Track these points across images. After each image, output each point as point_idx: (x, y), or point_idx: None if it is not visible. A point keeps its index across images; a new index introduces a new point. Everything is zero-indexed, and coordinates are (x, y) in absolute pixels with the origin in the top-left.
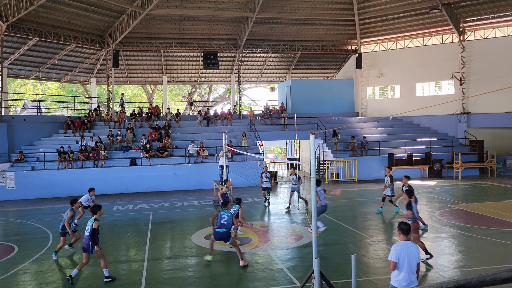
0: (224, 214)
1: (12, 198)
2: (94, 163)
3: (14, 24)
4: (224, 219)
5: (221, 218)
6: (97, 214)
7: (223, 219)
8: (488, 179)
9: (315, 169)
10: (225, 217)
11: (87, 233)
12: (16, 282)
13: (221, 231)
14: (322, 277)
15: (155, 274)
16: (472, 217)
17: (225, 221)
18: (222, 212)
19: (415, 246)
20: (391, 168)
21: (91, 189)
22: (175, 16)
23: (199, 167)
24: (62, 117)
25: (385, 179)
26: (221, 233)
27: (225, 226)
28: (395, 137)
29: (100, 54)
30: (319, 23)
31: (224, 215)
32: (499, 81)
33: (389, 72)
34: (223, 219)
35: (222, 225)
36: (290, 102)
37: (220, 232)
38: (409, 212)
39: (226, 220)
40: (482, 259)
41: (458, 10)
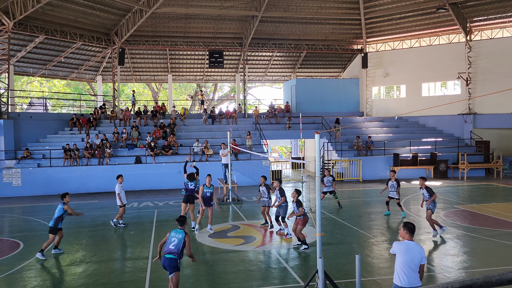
0: (175, 236)
1: (18, 195)
2: (100, 160)
3: (21, 21)
4: (174, 242)
5: (170, 242)
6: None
7: (172, 243)
8: (494, 180)
9: (319, 168)
10: (175, 240)
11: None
12: (21, 278)
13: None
14: (326, 277)
15: (160, 271)
16: (478, 218)
17: (174, 245)
18: (172, 232)
19: (419, 247)
20: (395, 172)
21: (119, 176)
22: (181, 15)
23: (203, 165)
24: (68, 114)
25: (390, 183)
26: (165, 259)
27: (172, 251)
28: (400, 137)
29: (106, 52)
30: (325, 22)
31: (174, 237)
32: (506, 81)
33: (395, 72)
34: (172, 242)
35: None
36: (295, 101)
37: (164, 258)
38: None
39: (174, 245)
40: (487, 260)
41: (465, 10)
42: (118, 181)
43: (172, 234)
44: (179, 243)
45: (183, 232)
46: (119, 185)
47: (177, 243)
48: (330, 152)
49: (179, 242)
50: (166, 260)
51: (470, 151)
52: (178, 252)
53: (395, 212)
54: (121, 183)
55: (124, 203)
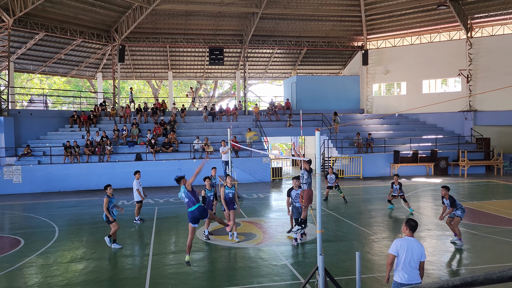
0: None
1: (19, 192)
2: (100, 157)
3: (21, 18)
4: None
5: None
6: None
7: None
8: (494, 177)
9: (320, 165)
10: (183, 195)
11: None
12: (22, 275)
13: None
14: (326, 274)
15: (160, 268)
16: (478, 215)
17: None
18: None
19: (419, 244)
20: (398, 176)
21: (137, 172)
22: (181, 12)
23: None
24: (68, 111)
25: (394, 187)
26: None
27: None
28: (400, 134)
29: (106, 49)
30: (325, 19)
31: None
32: (506, 78)
33: (396, 69)
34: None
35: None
36: (295, 98)
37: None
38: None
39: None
40: (488, 257)
41: (465, 7)
42: (136, 177)
43: (179, 194)
44: (187, 193)
45: (183, 186)
46: (137, 181)
47: (187, 195)
48: (330, 149)
49: (187, 192)
50: (193, 212)
51: (470, 148)
52: (197, 198)
53: (398, 208)
54: (139, 179)
55: (143, 198)
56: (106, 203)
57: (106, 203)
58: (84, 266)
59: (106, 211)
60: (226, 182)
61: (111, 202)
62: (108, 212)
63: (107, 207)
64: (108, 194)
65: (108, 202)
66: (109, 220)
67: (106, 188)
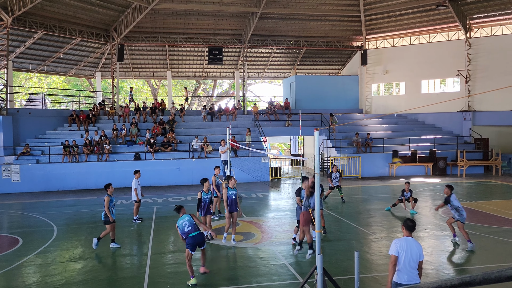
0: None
1: (17, 191)
2: (99, 157)
3: (20, 17)
4: (187, 225)
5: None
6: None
7: (186, 226)
8: (493, 177)
9: (319, 165)
10: (186, 223)
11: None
12: (20, 274)
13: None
14: (325, 273)
15: (159, 268)
16: (476, 215)
17: (190, 226)
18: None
19: (417, 244)
20: (409, 183)
21: (137, 171)
22: (180, 11)
23: (203, 162)
24: (67, 110)
25: (406, 194)
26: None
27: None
28: (399, 134)
29: (105, 48)
30: (325, 19)
31: (184, 223)
32: (505, 78)
33: (395, 69)
34: (186, 226)
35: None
36: (294, 98)
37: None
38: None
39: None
40: (486, 257)
41: (464, 7)
42: (135, 176)
43: (180, 223)
44: (191, 223)
45: (188, 215)
46: (136, 180)
47: (190, 223)
48: (329, 149)
49: (191, 222)
50: (196, 237)
51: (469, 148)
52: (197, 228)
53: (397, 208)
54: (138, 179)
55: (139, 199)
56: (107, 202)
57: (107, 202)
58: (82, 265)
59: (107, 211)
60: (230, 183)
61: (112, 201)
62: (109, 212)
63: (108, 206)
64: (109, 193)
65: (109, 201)
66: (108, 221)
67: (108, 187)
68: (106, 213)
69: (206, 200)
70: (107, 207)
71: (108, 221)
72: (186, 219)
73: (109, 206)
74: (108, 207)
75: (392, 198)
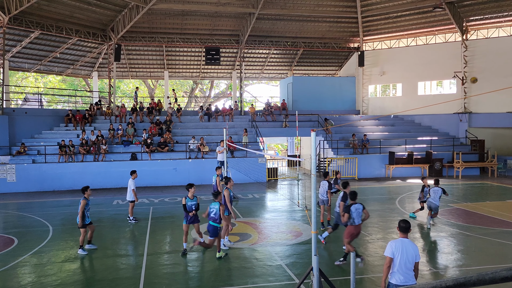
0: (213, 207)
1: (13, 191)
2: (95, 157)
3: (16, 16)
4: (213, 212)
5: (210, 211)
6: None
7: (212, 212)
8: (489, 179)
9: (315, 166)
10: (213, 210)
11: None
12: (15, 275)
13: (210, 224)
14: (321, 274)
15: (155, 268)
16: (472, 216)
17: (214, 214)
18: (211, 204)
19: (413, 245)
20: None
21: (133, 172)
22: (177, 11)
23: (199, 162)
24: (63, 110)
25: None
26: (209, 225)
27: (213, 219)
28: (396, 135)
29: (102, 48)
30: (322, 20)
31: (212, 208)
32: (501, 81)
33: (391, 70)
34: (212, 212)
35: (211, 218)
36: (291, 99)
37: (209, 224)
38: None
39: (214, 213)
40: (481, 259)
41: (461, 9)
42: (132, 177)
43: (211, 206)
44: (217, 212)
45: (218, 204)
46: (132, 180)
47: (215, 212)
48: (326, 150)
49: (217, 211)
50: (210, 226)
51: (465, 150)
52: (218, 219)
53: (387, 210)
54: (134, 179)
55: (137, 199)
56: (83, 205)
57: (83, 206)
58: (78, 265)
59: (80, 214)
60: (229, 185)
61: (88, 205)
62: (82, 216)
63: (83, 210)
64: (86, 196)
65: (85, 205)
66: (83, 224)
67: (86, 190)
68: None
69: (192, 207)
70: (82, 210)
71: (83, 225)
72: (216, 207)
73: (85, 210)
74: (84, 210)
75: (388, 199)
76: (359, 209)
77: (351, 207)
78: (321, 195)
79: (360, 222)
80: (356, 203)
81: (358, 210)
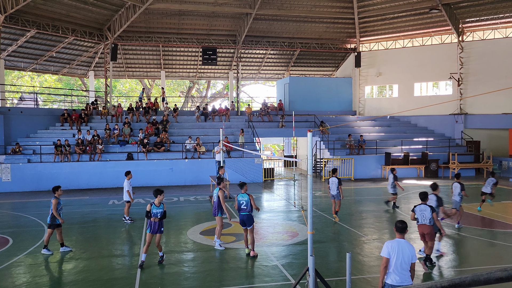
0: (242, 199)
1: (8, 191)
2: (91, 156)
3: (12, 15)
4: (243, 204)
5: (240, 204)
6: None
7: (242, 204)
8: (484, 180)
9: (312, 166)
10: (243, 202)
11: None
12: (10, 275)
13: (243, 214)
14: (316, 275)
15: (150, 268)
16: (467, 217)
17: (245, 205)
18: (239, 196)
19: (409, 245)
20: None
21: (128, 172)
22: (174, 11)
23: (196, 162)
24: (59, 110)
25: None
26: (242, 215)
27: (244, 210)
28: (392, 136)
29: (98, 47)
30: (319, 21)
31: (242, 200)
32: (496, 82)
33: (388, 71)
34: (242, 204)
35: (242, 210)
36: (288, 99)
37: (242, 215)
38: None
39: (245, 205)
40: (476, 259)
41: (457, 11)
42: (127, 177)
43: (240, 198)
44: (248, 202)
45: (246, 195)
46: (128, 181)
47: (246, 203)
48: (322, 150)
49: (247, 202)
50: (244, 216)
51: (460, 151)
52: (249, 209)
53: (384, 211)
54: (130, 180)
55: (133, 199)
56: (55, 205)
57: (55, 205)
58: (73, 266)
59: (55, 214)
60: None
61: (60, 205)
62: (58, 215)
63: (56, 209)
64: (57, 196)
65: (57, 204)
66: (52, 224)
67: (56, 190)
68: (51, 216)
69: (158, 214)
70: (55, 210)
71: (52, 225)
72: (245, 198)
73: (57, 209)
74: (56, 210)
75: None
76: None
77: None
78: (332, 191)
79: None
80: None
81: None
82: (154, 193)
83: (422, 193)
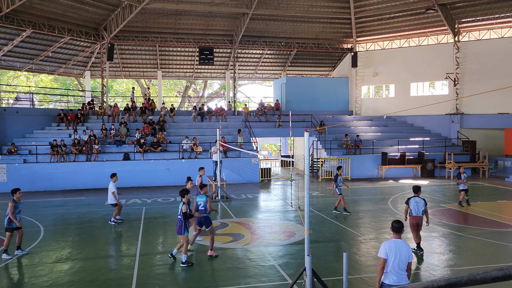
0: (200, 200)
1: (3, 191)
2: (87, 157)
3: (8, 15)
4: (201, 205)
5: (198, 204)
6: (185, 198)
7: (200, 205)
8: (480, 180)
9: (309, 166)
10: (201, 203)
11: (179, 216)
12: (6, 275)
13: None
14: (313, 274)
15: (147, 269)
16: (463, 216)
17: (202, 206)
18: (198, 198)
19: (406, 245)
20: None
21: (113, 175)
22: (171, 11)
23: (192, 162)
24: (55, 110)
25: (463, 176)
26: (200, 217)
27: (203, 211)
28: (388, 136)
29: (94, 47)
30: (316, 21)
31: (200, 201)
32: (492, 82)
33: (384, 71)
34: (200, 205)
35: (200, 211)
36: (285, 99)
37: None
38: None
39: (203, 206)
40: (472, 259)
41: (453, 11)
42: (113, 179)
43: (198, 199)
44: (205, 204)
45: (205, 196)
46: (113, 183)
47: (204, 204)
48: (319, 150)
49: (205, 203)
50: (201, 218)
51: (457, 151)
52: (206, 210)
53: (380, 210)
54: (115, 182)
55: (119, 202)
56: (11, 207)
57: (11, 208)
58: (69, 266)
59: (12, 217)
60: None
61: (17, 208)
62: (14, 218)
63: (12, 212)
64: (15, 199)
65: (14, 207)
66: (10, 227)
67: (15, 192)
68: (8, 220)
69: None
70: (11, 213)
71: (9, 228)
72: (203, 199)
73: (13, 212)
74: (12, 213)
75: (381, 199)
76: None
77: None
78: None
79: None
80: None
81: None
82: (181, 193)
83: (415, 186)
